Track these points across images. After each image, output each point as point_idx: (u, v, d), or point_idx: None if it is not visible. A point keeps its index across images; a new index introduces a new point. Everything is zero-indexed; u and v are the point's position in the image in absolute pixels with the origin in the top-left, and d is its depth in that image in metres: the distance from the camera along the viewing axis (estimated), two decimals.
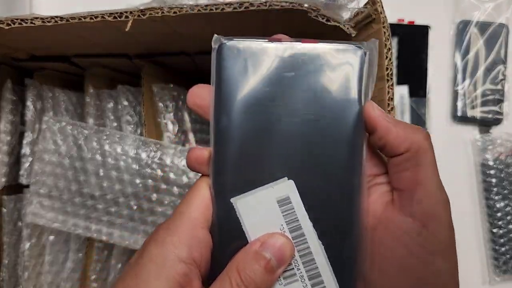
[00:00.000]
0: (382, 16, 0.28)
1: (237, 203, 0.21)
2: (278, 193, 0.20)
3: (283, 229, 0.21)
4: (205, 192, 0.21)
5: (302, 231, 0.21)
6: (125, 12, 0.30)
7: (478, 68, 0.61)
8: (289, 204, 0.21)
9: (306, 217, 0.21)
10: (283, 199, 0.21)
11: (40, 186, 0.43)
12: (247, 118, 0.20)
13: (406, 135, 0.21)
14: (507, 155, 0.60)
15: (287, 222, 0.21)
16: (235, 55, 0.21)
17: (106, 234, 0.43)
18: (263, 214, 0.21)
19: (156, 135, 0.44)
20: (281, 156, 0.21)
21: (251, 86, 0.20)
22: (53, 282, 0.47)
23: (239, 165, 0.21)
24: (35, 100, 0.46)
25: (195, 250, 0.20)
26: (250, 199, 0.20)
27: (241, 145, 0.21)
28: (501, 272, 0.59)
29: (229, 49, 0.21)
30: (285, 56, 0.21)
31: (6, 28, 0.30)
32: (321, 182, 0.21)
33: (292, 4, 0.28)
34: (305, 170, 0.21)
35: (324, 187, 0.21)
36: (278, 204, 0.21)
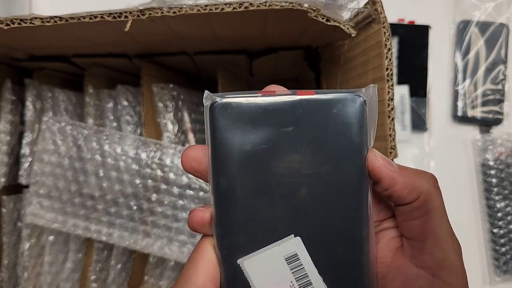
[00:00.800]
0: (382, 16, 0.28)
1: (244, 264, 0.20)
2: (285, 251, 0.20)
3: (293, 285, 0.21)
4: (210, 255, 0.21)
5: (312, 286, 0.21)
6: (125, 12, 0.30)
7: (478, 68, 0.61)
8: (298, 260, 0.20)
9: (315, 271, 0.20)
10: (291, 256, 0.20)
11: (40, 186, 0.43)
12: (247, 178, 0.20)
13: (413, 183, 0.20)
14: (508, 155, 0.60)
15: (296, 279, 0.21)
16: (229, 114, 0.19)
17: (105, 235, 0.43)
18: (272, 273, 0.20)
19: (156, 135, 0.44)
20: (285, 212, 0.20)
21: (248, 144, 0.20)
22: (53, 282, 0.47)
23: (243, 226, 0.20)
24: (34, 100, 0.46)
25: None
26: (258, 259, 0.20)
27: (243, 205, 0.20)
28: (502, 272, 0.59)
29: (222, 107, 0.19)
30: (282, 110, 0.20)
31: (5, 28, 0.30)
32: (327, 236, 0.20)
33: (292, 4, 0.28)
34: (311, 225, 0.20)
35: (331, 241, 0.21)
36: (286, 261, 0.20)
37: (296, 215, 0.20)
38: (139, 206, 0.42)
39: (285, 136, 0.20)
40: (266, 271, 0.20)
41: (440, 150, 0.61)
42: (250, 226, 0.20)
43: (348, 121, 0.20)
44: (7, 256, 0.46)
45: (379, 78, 0.29)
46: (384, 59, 0.28)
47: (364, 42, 0.32)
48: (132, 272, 0.44)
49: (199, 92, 0.52)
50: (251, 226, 0.20)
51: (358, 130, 0.20)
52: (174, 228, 0.42)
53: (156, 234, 0.42)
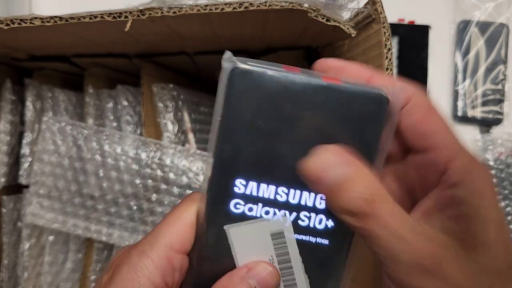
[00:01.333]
0: (382, 16, 0.28)
1: (230, 231, 0.20)
2: (273, 227, 0.20)
3: (272, 260, 0.21)
4: (187, 217, 0.21)
5: (290, 264, 0.21)
6: (125, 12, 0.30)
7: (478, 68, 0.61)
8: (282, 238, 0.21)
9: (297, 252, 0.21)
10: (277, 233, 0.21)
11: (40, 186, 0.43)
12: (252, 151, 0.19)
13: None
14: (508, 155, 0.60)
15: (277, 254, 0.21)
16: (248, 82, 0.19)
17: (105, 235, 0.43)
18: (255, 244, 0.21)
19: (156, 135, 0.44)
20: (281, 192, 0.20)
21: (260, 119, 0.19)
22: (53, 283, 0.47)
23: (235, 195, 0.20)
24: (34, 100, 0.46)
25: (168, 275, 0.20)
26: (245, 228, 0.20)
27: (242, 174, 0.20)
28: None
29: (242, 74, 0.19)
30: (303, 92, 0.19)
31: (5, 28, 0.30)
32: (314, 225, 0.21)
33: (292, 4, 0.28)
34: (302, 211, 0.20)
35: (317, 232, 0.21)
36: (271, 237, 0.21)
37: (291, 198, 0.20)
38: (139, 206, 0.42)
39: (300, 118, 0.19)
40: (250, 241, 0.21)
41: None
42: (243, 198, 0.20)
43: (368, 118, 0.19)
44: (7, 256, 0.46)
45: None
46: (384, 59, 0.28)
47: (364, 42, 0.32)
48: None
49: (199, 92, 0.52)
50: (244, 198, 0.20)
51: (374, 131, 0.19)
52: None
53: None
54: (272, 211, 0.20)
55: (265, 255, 0.21)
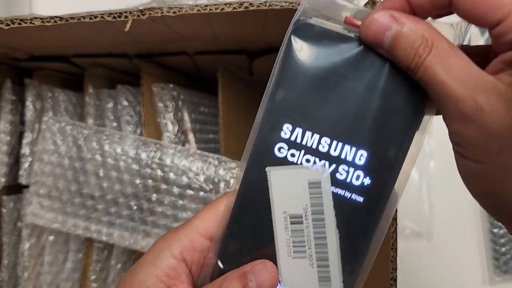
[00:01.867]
0: None
1: (271, 173, 0.21)
2: (312, 176, 0.21)
3: (306, 209, 0.21)
4: (216, 208, 0.23)
5: (323, 216, 0.21)
6: (125, 12, 0.30)
7: None
8: (319, 188, 0.21)
9: (331, 205, 0.21)
10: (315, 183, 0.21)
11: (40, 186, 0.43)
12: (302, 99, 0.20)
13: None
14: None
15: (312, 204, 0.21)
16: (309, 34, 0.20)
17: (106, 235, 0.43)
18: (292, 189, 0.21)
19: (156, 135, 0.44)
20: (325, 142, 0.21)
21: (315, 71, 0.20)
22: (53, 283, 0.47)
23: (282, 140, 0.21)
24: (34, 100, 0.46)
25: (187, 253, 0.23)
26: (285, 172, 0.21)
27: (290, 121, 0.21)
28: (502, 272, 0.59)
29: (305, 25, 0.20)
30: (361, 51, 0.20)
31: (5, 28, 0.30)
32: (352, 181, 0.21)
33: (292, 4, 0.28)
34: (343, 162, 0.21)
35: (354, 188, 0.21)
36: (309, 185, 0.21)
37: (332, 149, 0.21)
38: (139, 206, 0.42)
39: (351, 79, 0.20)
40: (288, 186, 0.21)
41: (440, 150, 0.61)
42: (287, 143, 0.21)
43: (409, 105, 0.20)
44: (7, 256, 0.46)
45: None
46: None
47: None
48: None
49: (199, 92, 0.52)
50: (288, 143, 0.21)
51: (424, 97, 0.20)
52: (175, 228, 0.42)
53: (156, 234, 0.42)
54: (313, 160, 0.21)
55: (300, 203, 0.21)
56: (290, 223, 0.21)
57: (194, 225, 0.23)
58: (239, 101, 0.50)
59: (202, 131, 0.50)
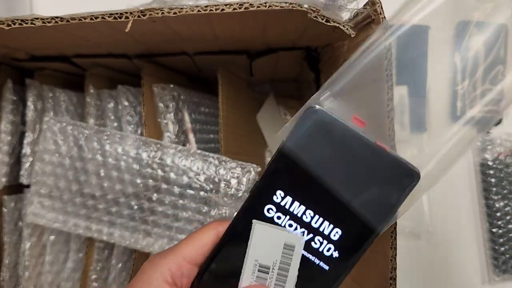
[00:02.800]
0: (382, 17, 0.28)
1: (256, 225, 0.25)
2: (289, 239, 0.25)
3: (275, 263, 0.25)
4: (206, 237, 0.25)
5: (287, 273, 0.25)
6: (125, 12, 0.30)
7: (477, 68, 0.61)
8: (292, 251, 0.25)
9: (297, 267, 0.25)
10: (290, 246, 0.25)
11: (41, 186, 0.43)
12: (299, 174, 0.24)
13: None
14: (507, 155, 0.60)
15: (281, 262, 0.25)
16: (317, 120, 0.24)
17: (106, 234, 0.43)
18: (268, 245, 0.25)
19: (157, 135, 0.45)
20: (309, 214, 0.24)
21: (315, 152, 0.24)
22: (54, 282, 0.48)
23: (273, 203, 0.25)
24: (35, 100, 0.46)
25: (177, 278, 0.25)
26: (268, 229, 0.25)
27: (283, 189, 0.24)
28: (501, 271, 0.59)
29: (314, 112, 0.24)
30: (357, 145, 0.24)
31: (6, 28, 0.30)
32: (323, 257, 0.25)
33: (291, 4, 0.28)
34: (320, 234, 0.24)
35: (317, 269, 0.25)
36: (284, 246, 0.25)
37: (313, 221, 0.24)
38: (140, 205, 0.42)
39: (347, 164, 0.24)
40: (266, 240, 0.25)
41: None
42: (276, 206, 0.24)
43: (399, 183, 0.24)
44: (8, 256, 0.46)
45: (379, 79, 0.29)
46: (383, 59, 0.28)
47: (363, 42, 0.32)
48: (133, 271, 0.44)
49: (199, 92, 0.52)
50: (277, 207, 0.24)
51: (400, 196, 0.24)
52: (175, 227, 0.42)
53: (157, 234, 0.42)
54: (295, 226, 0.24)
55: (271, 257, 0.25)
56: (257, 270, 0.25)
57: (180, 251, 0.25)
58: (239, 101, 0.50)
59: (203, 131, 0.50)
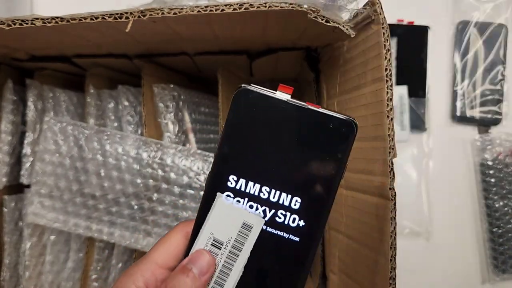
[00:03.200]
0: (381, 17, 0.28)
1: (218, 199, 0.25)
2: (248, 219, 0.24)
3: (230, 240, 0.25)
4: (175, 239, 0.26)
5: (239, 253, 0.25)
6: (126, 13, 0.30)
7: (477, 68, 0.61)
8: (249, 231, 0.25)
9: (250, 248, 0.25)
10: (248, 226, 0.25)
11: (41, 186, 0.43)
12: (244, 154, 0.24)
13: None
14: (506, 155, 0.60)
15: (235, 240, 0.25)
16: (248, 98, 0.24)
17: (107, 234, 0.43)
18: (226, 221, 0.25)
19: (157, 135, 0.45)
20: (265, 190, 0.24)
21: (254, 128, 0.24)
22: (54, 282, 0.48)
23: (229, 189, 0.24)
24: (36, 100, 0.46)
25: (150, 283, 0.25)
26: (228, 205, 0.25)
27: (234, 173, 0.24)
28: (500, 271, 0.59)
29: (244, 91, 0.24)
30: (289, 111, 0.24)
31: (6, 28, 0.30)
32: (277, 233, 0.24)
33: (291, 5, 0.28)
34: (281, 207, 0.24)
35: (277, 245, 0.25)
36: (242, 225, 0.25)
37: (271, 196, 0.24)
38: (140, 205, 0.42)
39: (285, 131, 0.24)
40: (225, 217, 0.25)
41: (439, 150, 0.61)
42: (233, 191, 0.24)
43: (340, 134, 0.23)
44: (9, 256, 0.46)
45: (378, 79, 0.29)
46: (383, 59, 0.29)
47: (363, 42, 0.32)
48: None
49: (199, 92, 0.52)
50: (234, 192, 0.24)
51: (345, 149, 0.24)
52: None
53: (157, 234, 0.42)
54: (255, 206, 0.24)
55: (227, 234, 0.25)
56: (210, 244, 0.25)
57: (152, 258, 0.25)
58: None
59: (203, 131, 0.50)
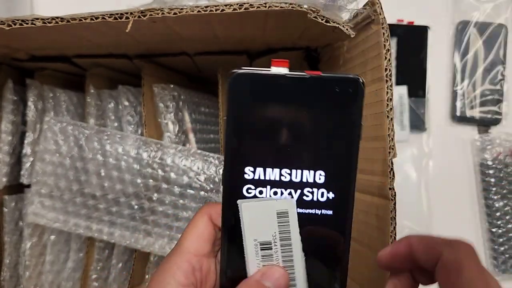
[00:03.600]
0: (381, 17, 0.29)
1: (242, 205, 0.23)
2: (280, 207, 0.23)
3: (275, 236, 0.24)
4: (201, 226, 0.25)
5: (290, 241, 0.24)
6: (126, 13, 0.30)
7: (477, 69, 0.61)
8: (286, 217, 0.23)
9: (297, 231, 0.23)
10: (283, 212, 0.23)
11: (41, 186, 0.43)
12: (253, 142, 0.23)
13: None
14: (506, 155, 0.60)
15: (280, 231, 0.24)
16: (245, 82, 0.22)
17: (107, 234, 0.43)
18: (262, 220, 0.23)
19: (157, 135, 0.45)
20: (285, 173, 0.23)
21: (258, 112, 0.22)
22: (54, 282, 0.48)
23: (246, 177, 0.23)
24: (36, 100, 0.46)
25: (190, 274, 0.24)
26: (255, 205, 0.23)
27: (249, 164, 0.23)
28: (500, 271, 0.59)
29: (239, 76, 0.22)
30: (290, 84, 0.22)
31: (7, 28, 0.30)
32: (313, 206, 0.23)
33: (291, 5, 0.28)
34: (306, 185, 0.23)
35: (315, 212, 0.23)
36: (277, 215, 0.23)
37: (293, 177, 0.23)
38: (140, 205, 0.43)
39: (292, 107, 0.22)
40: (258, 216, 0.23)
41: (439, 150, 0.61)
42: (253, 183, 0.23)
43: (349, 96, 0.22)
44: (9, 255, 0.46)
45: (378, 79, 0.29)
46: (383, 59, 0.29)
47: (363, 42, 0.32)
48: (133, 271, 0.44)
49: (199, 92, 0.52)
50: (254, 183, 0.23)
51: (357, 105, 0.22)
52: (175, 227, 0.42)
53: (157, 233, 0.42)
54: (280, 191, 0.23)
55: (269, 231, 0.24)
56: (260, 249, 0.24)
57: (185, 248, 0.25)
58: None
59: (203, 131, 0.50)
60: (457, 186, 0.61)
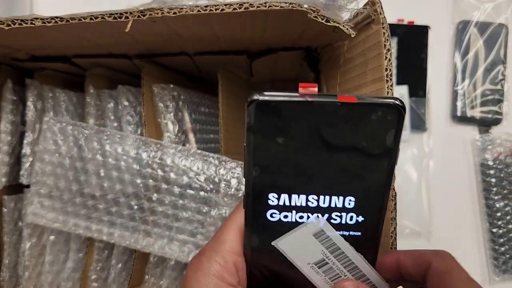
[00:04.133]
0: (382, 17, 0.28)
1: (279, 244, 0.23)
2: (312, 229, 0.23)
3: (324, 252, 0.24)
4: (238, 222, 0.24)
5: (341, 250, 0.24)
6: (125, 12, 0.30)
7: (477, 68, 0.61)
8: (324, 234, 0.23)
9: (341, 238, 0.23)
10: (318, 232, 0.23)
11: (41, 186, 0.43)
12: (278, 169, 0.22)
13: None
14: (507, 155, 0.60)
15: (326, 247, 0.24)
16: (268, 110, 0.20)
17: (106, 234, 0.43)
18: (304, 247, 0.23)
19: (157, 135, 0.45)
20: (312, 199, 0.22)
21: (283, 140, 0.21)
22: (54, 282, 0.48)
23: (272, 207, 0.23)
24: (35, 100, 0.46)
25: (234, 275, 0.23)
26: (290, 239, 0.23)
27: (273, 191, 0.22)
28: (501, 271, 0.59)
29: (262, 103, 0.20)
30: (322, 114, 0.20)
31: (6, 28, 0.30)
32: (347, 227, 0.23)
33: (291, 4, 0.28)
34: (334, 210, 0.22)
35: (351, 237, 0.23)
36: (315, 236, 0.23)
37: (321, 203, 0.22)
38: (140, 205, 0.42)
39: (321, 135, 0.21)
40: (299, 246, 0.23)
41: (439, 150, 0.61)
42: (277, 208, 0.23)
43: (386, 128, 0.20)
44: (8, 256, 0.46)
45: (379, 79, 0.29)
46: (383, 59, 0.28)
47: (363, 42, 0.32)
48: (133, 271, 0.44)
49: (199, 92, 0.52)
50: (278, 208, 0.23)
51: (393, 138, 0.21)
52: (175, 227, 0.42)
53: (157, 234, 0.42)
54: (306, 216, 0.23)
55: (317, 252, 0.24)
56: (318, 267, 0.24)
57: (229, 248, 0.23)
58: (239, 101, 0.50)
59: (203, 131, 0.50)
60: (458, 186, 0.61)
